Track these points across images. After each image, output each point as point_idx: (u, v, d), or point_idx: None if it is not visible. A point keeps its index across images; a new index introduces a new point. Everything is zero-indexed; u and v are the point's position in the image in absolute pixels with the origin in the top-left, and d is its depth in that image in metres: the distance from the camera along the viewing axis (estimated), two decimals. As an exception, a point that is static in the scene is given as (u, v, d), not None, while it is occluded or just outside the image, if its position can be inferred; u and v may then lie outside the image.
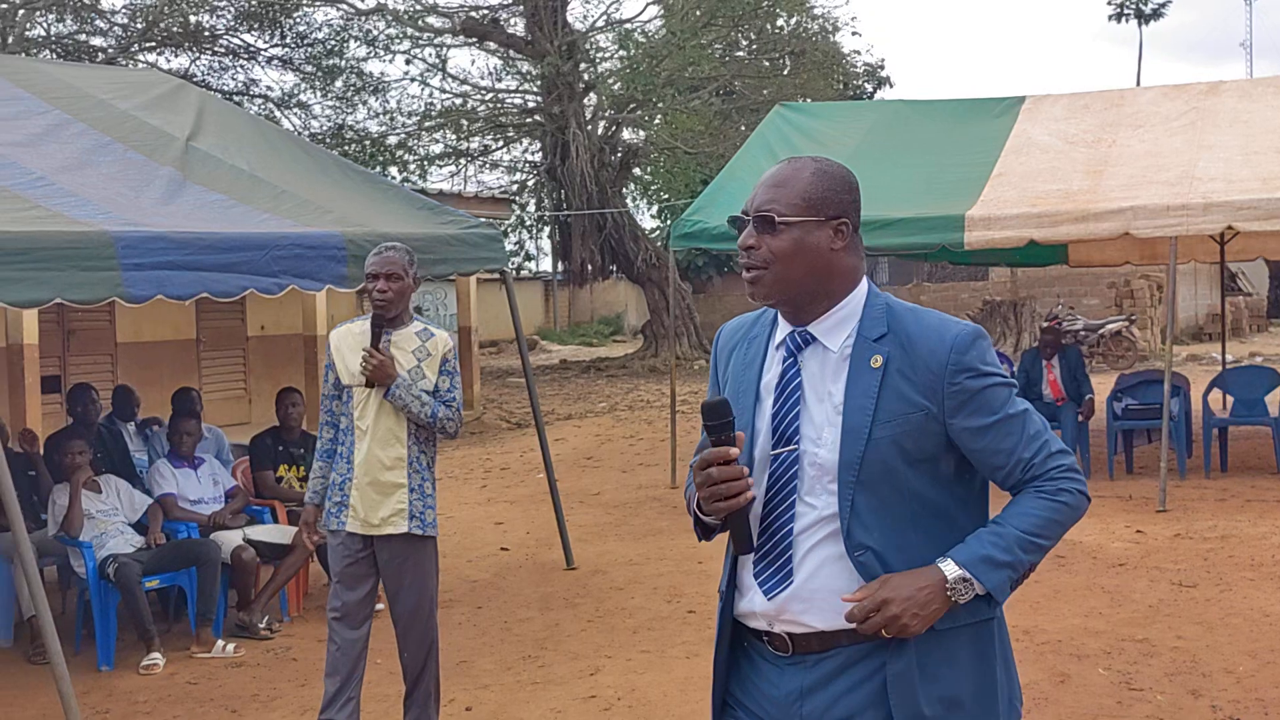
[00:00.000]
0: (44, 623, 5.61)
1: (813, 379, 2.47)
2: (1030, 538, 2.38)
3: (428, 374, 5.18)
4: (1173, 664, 6.04)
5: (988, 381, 2.41)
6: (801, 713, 2.45)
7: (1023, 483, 2.44)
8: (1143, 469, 11.38)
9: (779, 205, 2.46)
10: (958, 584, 2.34)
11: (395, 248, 5.24)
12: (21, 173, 6.87)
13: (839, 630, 2.41)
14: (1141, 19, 54.15)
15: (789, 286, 2.46)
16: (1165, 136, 11.34)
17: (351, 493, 5.09)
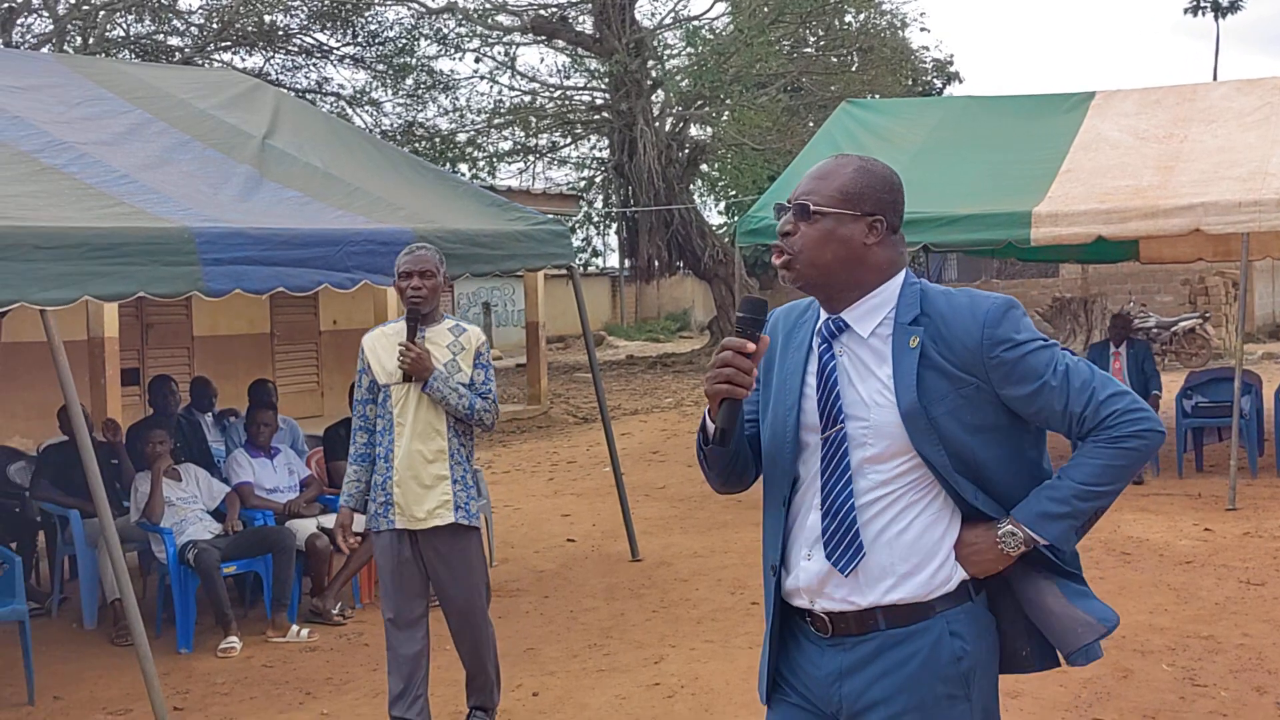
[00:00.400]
0: (128, 606, 5.80)
1: (852, 363, 2.56)
2: (1088, 487, 2.47)
3: (463, 367, 5.27)
4: (1238, 661, 6.04)
5: (1026, 349, 2.48)
6: (840, 693, 2.55)
7: (1084, 434, 2.51)
8: (1213, 467, 11.30)
9: (817, 196, 2.56)
10: (1005, 537, 2.48)
11: (426, 247, 5.35)
12: (106, 170, 7.08)
13: (877, 607, 2.51)
14: (1218, 12, 53.34)
15: (819, 273, 2.56)
16: (1238, 131, 11.24)
17: (394, 490, 5.17)
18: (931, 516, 2.54)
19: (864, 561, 2.52)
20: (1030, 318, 2.56)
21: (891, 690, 2.50)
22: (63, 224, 5.97)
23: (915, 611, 2.51)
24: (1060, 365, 2.49)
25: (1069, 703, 5.49)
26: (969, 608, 2.55)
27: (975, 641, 2.54)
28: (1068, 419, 2.50)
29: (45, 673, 6.33)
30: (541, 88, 29.77)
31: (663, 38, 29.75)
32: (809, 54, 31.07)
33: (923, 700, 2.49)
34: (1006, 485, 2.55)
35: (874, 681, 2.51)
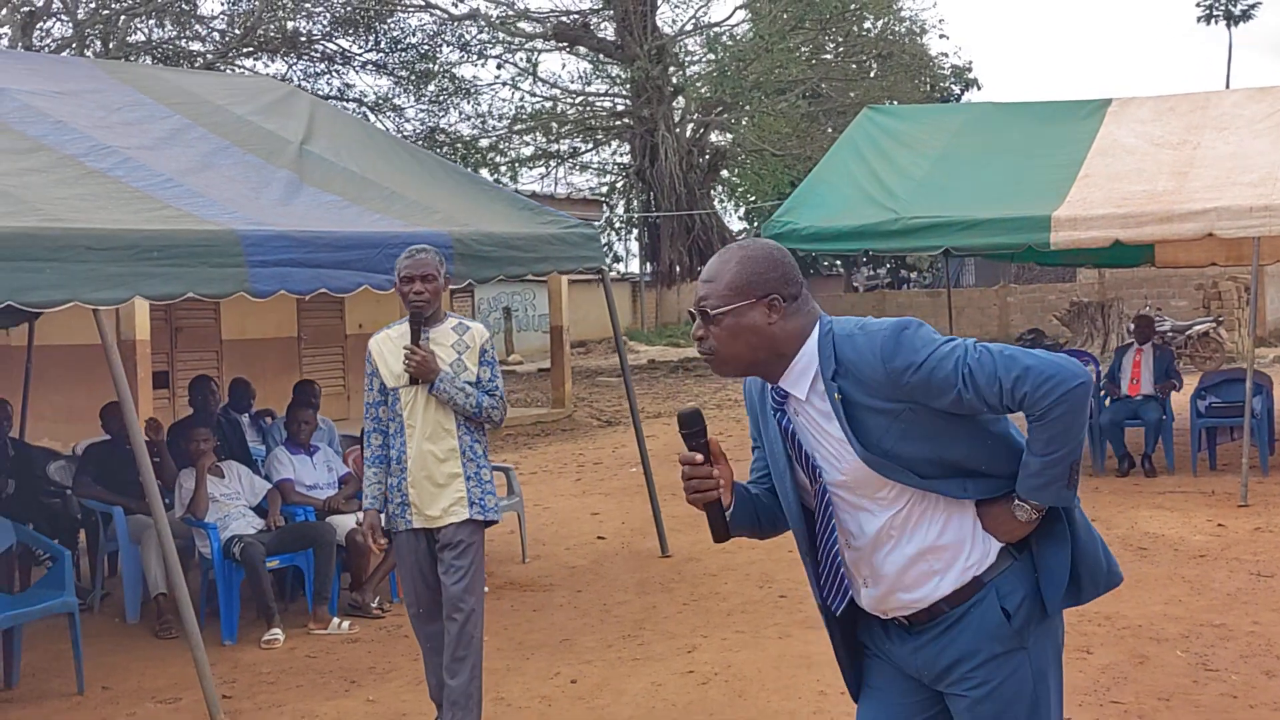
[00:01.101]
0: (180, 597, 6.01)
1: (807, 424, 2.80)
2: (1048, 456, 2.68)
3: (469, 366, 5.31)
4: (1248, 647, 6.23)
5: (929, 366, 2.66)
6: (917, 662, 2.87)
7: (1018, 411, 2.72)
8: (1225, 465, 11.48)
9: (713, 299, 2.77)
10: (1018, 510, 2.74)
11: (426, 250, 5.35)
12: (151, 174, 7.32)
13: (938, 601, 2.80)
14: (1231, 20, 53.40)
15: (741, 362, 2.79)
16: (1250, 138, 11.42)
17: (409, 491, 5.23)
18: (944, 518, 2.79)
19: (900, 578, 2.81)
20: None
21: (957, 655, 2.80)
22: (114, 226, 6.19)
23: (968, 590, 2.79)
24: (965, 371, 2.66)
25: (1088, 687, 5.69)
26: (1014, 568, 2.80)
27: (1029, 599, 2.79)
28: (994, 409, 2.71)
29: (92, 664, 6.52)
30: (563, 94, 30.10)
31: (684, 44, 30.04)
32: (828, 60, 31.33)
33: (984, 659, 2.78)
34: (989, 465, 2.79)
35: (942, 651, 2.82)
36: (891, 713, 2.94)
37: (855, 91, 30.75)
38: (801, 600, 7.50)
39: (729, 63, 28.25)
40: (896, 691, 2.94)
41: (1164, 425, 11.48)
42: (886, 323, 2.74)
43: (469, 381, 5.28)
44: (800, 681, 5.99)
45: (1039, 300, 31.83)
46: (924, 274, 42.05)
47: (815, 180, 12.48)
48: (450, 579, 5.19)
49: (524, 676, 6.28)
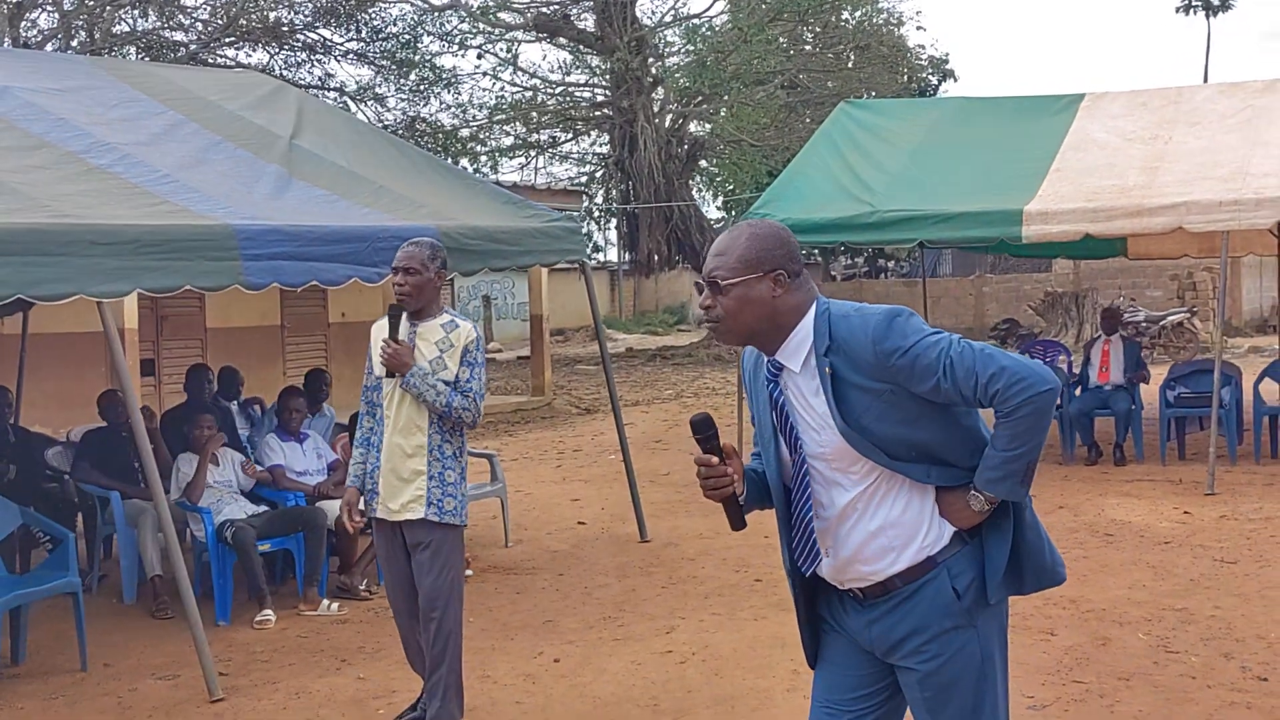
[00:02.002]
0: (180, 577, 6.23)
1: (796, 396, 3.04)
2: (1009, 452, 2.91)
3: (449, 364, 5.30)
4: (1208, 630, 6.50)
5: (914, 353, 2.90)
6: (871, 637, 3.11)
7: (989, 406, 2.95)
8: (1194, 455, 11.77)
9: (723, 270, 3.00)
10: (972, 500, 2.97)
11: (418, 243, 5.39)
12: (148, 170, 7.51)
13: (892, 576, 3.04)
14: (1210, 11, 53.84)
15: (743, 332, 3.03)
16: (1221, 133, 11.70)
17: (379, 480, 5.33)
18: (906, 497, 3.03)
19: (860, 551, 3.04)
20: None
21: (909, 629, 3.03)
22: (115, 221, 6.40)
23: (921, 568, 3.03)
24: (946, 361, 2.89)
25: (1052, 667, 5.96)
26: (966, 551, 3.04)
27: (975, 578, 3.03)
28: (967, 401, 2.95)
29: (92, 643, 6.71)
30: (543, 84, 30.26)
31: (663, 35, 30.22)
32: (806, 51, 31.54)
33: (935, 633, 3.02)
34: (954, 454, 3.02)
35: (896, 624, 3.05)
36: (845, 683, 3.17)
37: (833, 82, 31.00)
38: (776, 584, 7.76)
39: (708, 54, 28.47)
40: (850, 665, 3.17)
41: (1133, 415, 11.77)
42: (881, 308, 2.98)
43: (446, 380, 5.27)
44: (775, 661, 6.24)
45: (1014, 290, 32.17)
46: (901, 264, 42.36)
47: (793, 173, 12.71)
48: (423, 579, 5.27)
49: (508, 656, 6.51)
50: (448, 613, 5.28)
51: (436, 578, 5.26)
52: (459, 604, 5.37)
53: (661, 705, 5.67)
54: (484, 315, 36.60)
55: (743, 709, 5.59)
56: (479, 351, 5.41)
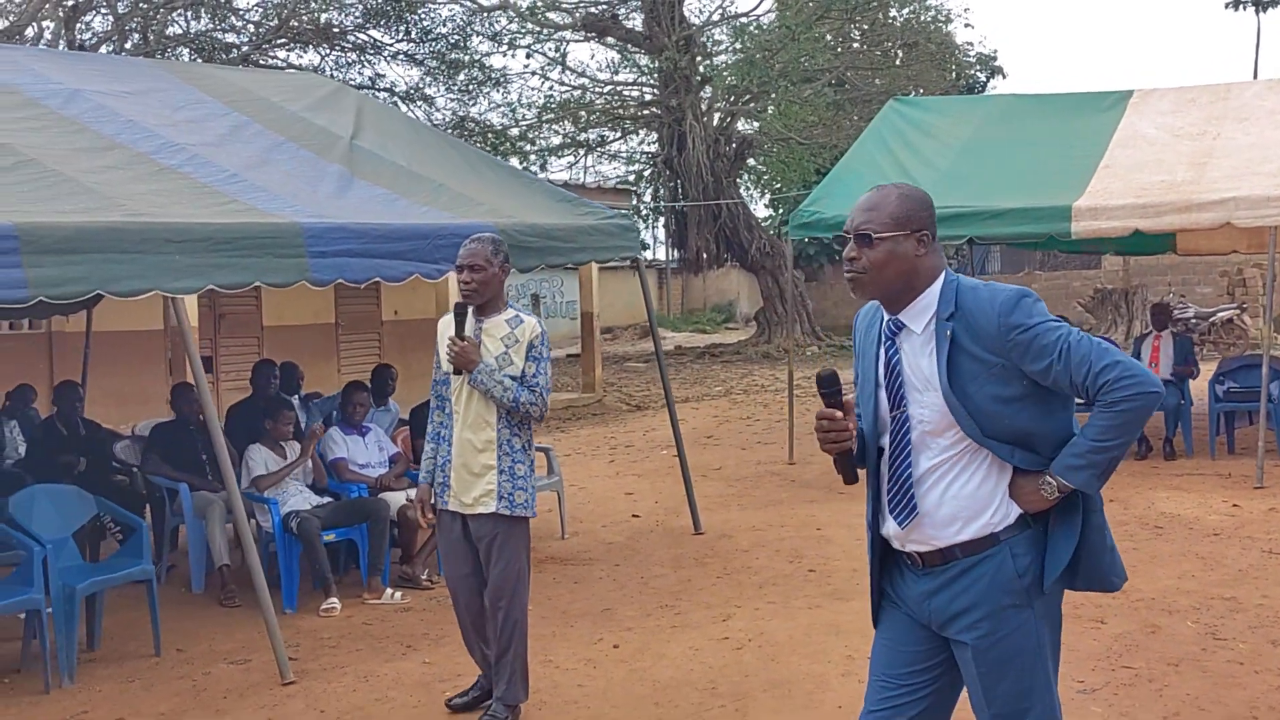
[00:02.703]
0: (252, 564, 6.42)
1: (908, 356, 3.20)
2: (1098, 443, 3.05)
3: (515, 360, 5.37)
4: (1256, 619, 6.60)
5: (1036, 332, 3.07)
6: (930, 608, 3.24)
7: (1092, 399, 3.10)
8: (1243, 449, 11.81)
9: (874, 224, 3.16)
10: (1044, 485, 3.09)
11: (480, 239, 5.45)
12: (217, 170, 7.73)
13: (954, 545, 3.18)
14: (1259, 6, 53.34)
15: (883, 286, 3.19)
16: (1270, 129, 11.72)
17: (450, 474, 5.42)
18: (984, 473, 3.17)
19: (931, 515, 3.17)
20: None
21: (968, 603, 3.16)
22: (188, 220, 6.61)
23: (984, 543, 3.17)
24: (1064, 345, 3.06)
25: (1102, 653, 6.07)
26: (1029, 534, 3.17)
27: (1037, 561, 3.16)
28: (1074, 388, 3.09)
29: (164, 630, 6.93)
30: (591, 83, 30.42)
31: (711, 34, 30.31)
32: (854, 49, 31.54)
33: (993, 609, 3.15)
34: (1041, 442, 3.16)
35: (955, 597, 3.18)
36: (902, 658, 3.31)
37: (881, 80, 30.97)
38: (830, 574, 7.91)
39: (755, 52, 28.54)
40: (908, 640, 3.31)
41: (1182, 410, 11.82)
42: (1010, 286, 3.17)
43: (513, 375, 5.35)
44: (830, 647, 6.38)
45: (1063, 287, 32.04)
46: (950, 260, 42.27)
47: (842, 170, 12.83)
48: (491, 569, 5.41)
49: (568, 642, 6.69)
50: (515, 601, 5.42)
51: (505, 568, 5.39)
52: (525, 592, 5.51)
53: (720, 689, 5.83)
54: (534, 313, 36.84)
55: (799, 693, 5.74)
56: (544, 346, 5.49)
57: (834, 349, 28.85)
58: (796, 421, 12.99)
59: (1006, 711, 3.18)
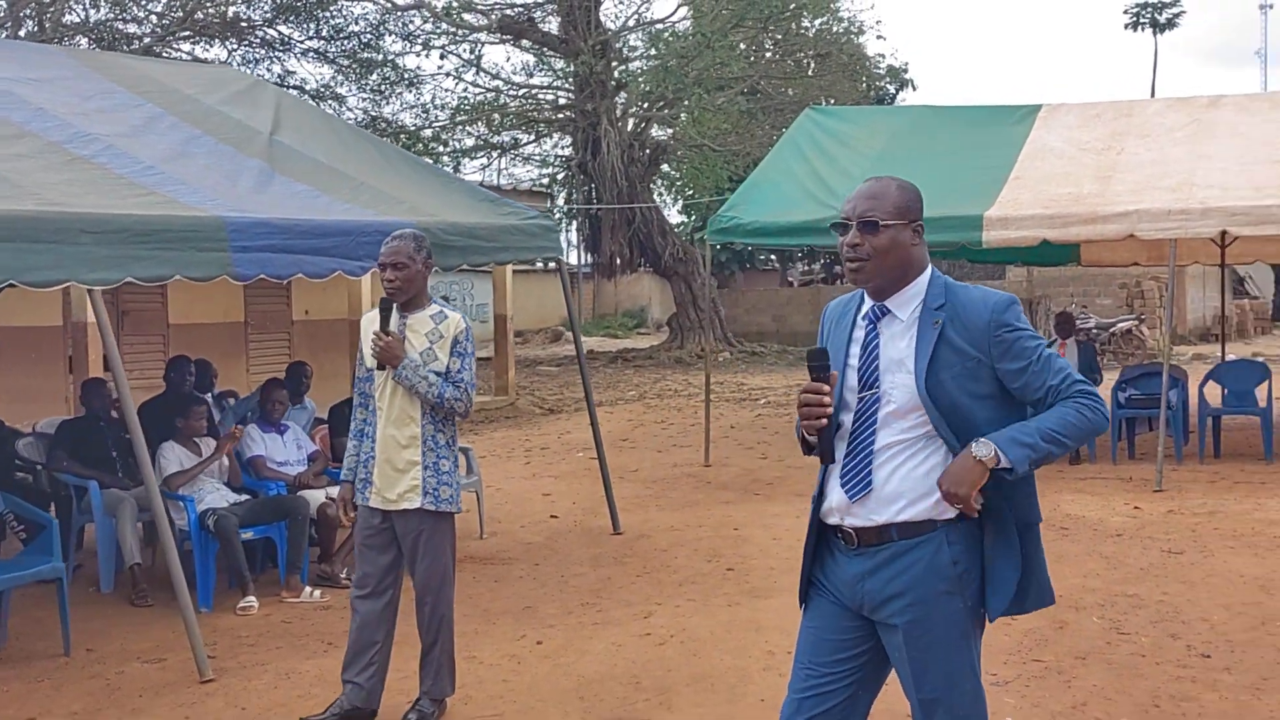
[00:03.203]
0: (171, 562, 6.35)
1: (888, 342, 3.30)
2: (1050, 431, 3.17)
3: (439, 355, 5.37)
4: (1157, 614, 6.82)
5: (1020, 335, 3.23)
6: (863, 591, 3.30)
7: (1055, 402, 3.24)
8: (1144, 454, 12.19)
9: (879, 212, 3.27)
10: (977, 447, 3.14)
11: (403, 236, 5.44)
12: (133, 161, 7.61)
13: (892, 524, 3.25)
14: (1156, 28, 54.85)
15: (884, 273, 3.28)
16: (1169, 146, 12.11)
17: (373, 470, 5.39)
18: (937, 460, 3.25)
19: (877, 491, 3.25)
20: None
21: (902, 587, 3.24)
22: (105, 210, 6.50)
23: (922, 527, 3.25)
24: (1042, 352, 3.25)
25: (1013, 648, 6.23)
26: (965, 527, 3.26)
27: (968, 553, 3.26)
28: (1045, 390, 3.22)
29: (73, 630, 6.79)
30: (506, 85, 30.37)
31: (627, 40, 30.44)
32: (767, 58, 31.85)
33: (926, 595, 3.23)
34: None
35: (889, 581, 3.25)
36: (828, 645, 3.37)
37: (793, 89, 31.37)
38: (748, 573, 8.02)
39: (671, 59, 28.70)
40: (834, 628, 3.37)
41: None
42: (1000, 291, 3.33)
43: (437, 371, 5.35)
44: (750, 643, 6.47)
45: (968, 297, 32.56)
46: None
47: (759, 177, 12.99)
48: (418, 567, 5.39)
49: (492, 639, 6.70)
50: (441, 597, 5.43)
51: (431, 563, 5.39)
52: (451, 588, 5.52)
53: (643, 683, 5.89)
54: (442, 316, 36.65)
55: (721, 686, 5.81)
56: (468, 342, 5.49)
57: (746, 355, 29.12)
58: (712, 425, 13.10)
59: (936, 695, 3.26)
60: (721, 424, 15.89)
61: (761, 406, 18.76)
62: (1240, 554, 8.21)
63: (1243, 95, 13.40)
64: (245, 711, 5.70)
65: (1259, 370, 12.76)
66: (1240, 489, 10.57)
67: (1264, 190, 10.61)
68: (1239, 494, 10.33)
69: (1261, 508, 9.72)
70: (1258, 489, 10.55)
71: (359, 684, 5.44)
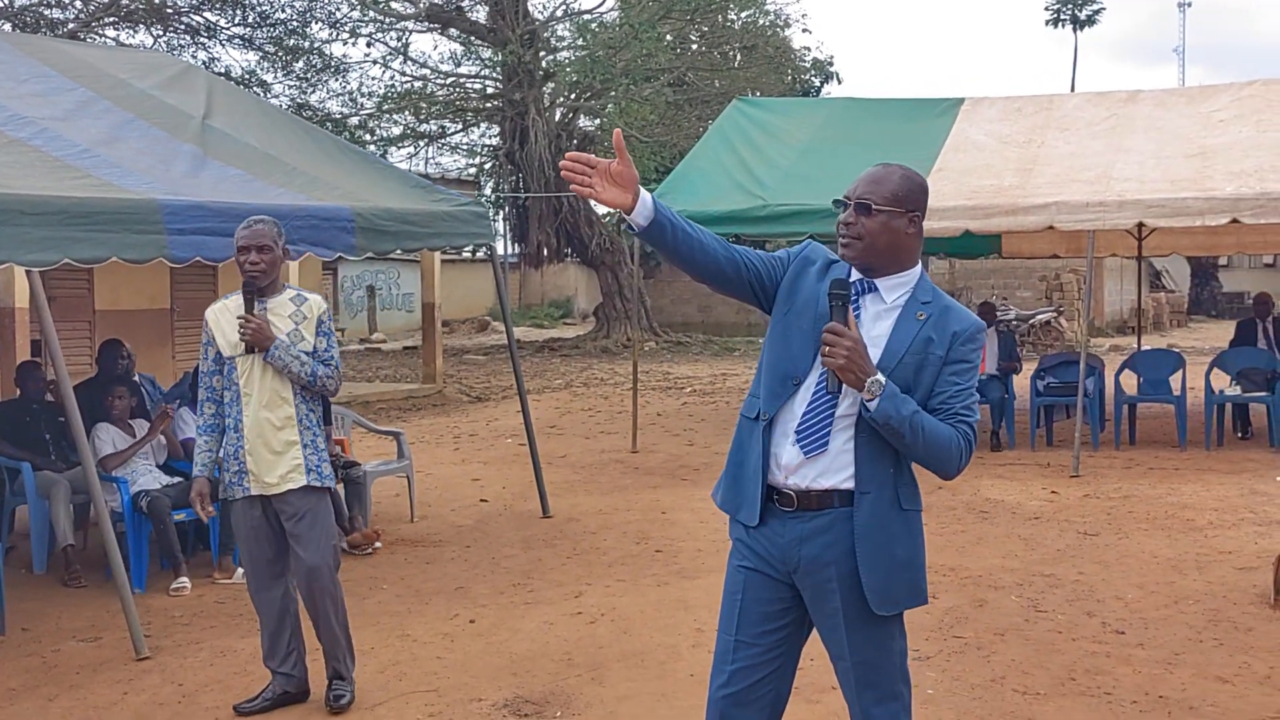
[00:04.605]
0: (108, 541, 6.40)
1: (867, 315, 3.41)
2: (921, 424, 3.29)
3: (305, 336, 5.38)
4: (1073, 593, 7.08)
5: (972, 360, 3.41)
6: (800, 554, 3.41)
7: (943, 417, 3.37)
8: (1061, 441, 12.53)
9: (875, 196, 3.38)
10: (872, 386, 3.25)
11: (264, 220, 5.42)
12: (68, 144, 7.61)
13: (833, 490, 3.36)
14: (1076, 24, 55.83)
15: (872, 255, 3.39)
16: (1088, 139, 12.44)
17: (246, 458, 5.30)
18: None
19: (831, 456, 3.36)
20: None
21: (841, 553, 3.37)
22: (42, 192, 6.52)
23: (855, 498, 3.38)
24: (972, 377, 3.41)
25: (934, 625, 6.45)
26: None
27: None
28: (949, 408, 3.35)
29: (8, 609, 6.80)
30: (433, 74, 30.29)
31: (554, 29, 30.49)
32: (694, 50, 32.04)
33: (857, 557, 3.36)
34: None
35: (828, 546, 3.38)
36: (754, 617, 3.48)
37: (720, 81, 31.58)
38: (676, 554, 8.18)
39: (598, 49, 28.80)
40: (761, 600, 3.48)
41: (1006, 403, 12.44)
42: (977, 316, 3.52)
43: (305, 351, 5.36)
44: (680, 621, 6.64)
45: (892, 288, 33.00)
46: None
47: (687, 167, 13.15)
48: (302, 548, 5.33)
49: (425, 618, 6.81)
50: (332, 577, 5.41)
51: (320, 539, 5.36)
52: (337, 566, 5.50)
53: (575, 660, 6.03)
54: (369, 305, 36.57)
55: (652, 662, 5.97)
56: (330, 321, 5.57)
57: (672, 344, 29.33)
58: (639, 413, 13.26)
59: (867, 658, 3.41)
60: (648, 412, 16.06)
61: (687, 395, 18.96)
62: (1154, 536, 8.51)
63: (1160, 90, 13.80)
64: (182, 687, 5.77)
65: (1174, 359, 13.16)
66: (1154, 475, 10.91)
67: (1179, 183, 10.95)
68: (1153, 479, 10.67)
69: (1175, 492, 10.05)
70: (1171, 475, 10.89)
71: (286, 673, 5.50)
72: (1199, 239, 15.48)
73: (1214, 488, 10.23)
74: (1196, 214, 10.60)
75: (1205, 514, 9.20)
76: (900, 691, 3.47)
